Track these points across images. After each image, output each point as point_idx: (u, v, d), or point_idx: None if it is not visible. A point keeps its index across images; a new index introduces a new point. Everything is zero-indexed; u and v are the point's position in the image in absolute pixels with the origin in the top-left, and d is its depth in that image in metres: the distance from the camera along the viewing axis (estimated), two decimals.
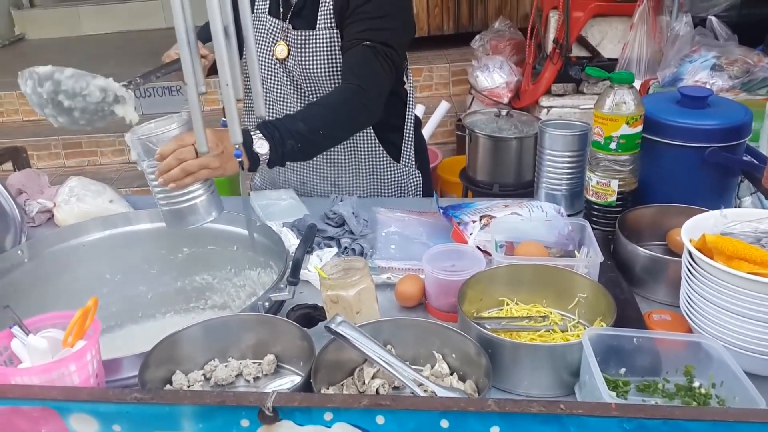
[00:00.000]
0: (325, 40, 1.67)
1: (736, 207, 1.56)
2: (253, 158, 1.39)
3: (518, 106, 3.64)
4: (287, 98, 1.78)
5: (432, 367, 1.11)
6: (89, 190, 1.69)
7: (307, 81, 1.72)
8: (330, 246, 1.51)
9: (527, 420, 0.79)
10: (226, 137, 1.31)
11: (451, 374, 1.10)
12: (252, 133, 1.40)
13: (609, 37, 3.42)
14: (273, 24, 1.73)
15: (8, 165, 1.98)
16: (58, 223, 1.67)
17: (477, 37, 4.11)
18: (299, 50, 1.70)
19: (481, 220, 1.50)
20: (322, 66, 1.69)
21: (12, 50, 6.37)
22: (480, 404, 0.80)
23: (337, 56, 1.68)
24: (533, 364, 1.09)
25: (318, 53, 1.68)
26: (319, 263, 1.39)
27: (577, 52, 3.45)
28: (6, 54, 6.21)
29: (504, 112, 2.95)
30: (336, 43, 1.67)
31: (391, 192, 1.91)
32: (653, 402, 1.04)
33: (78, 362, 0.98)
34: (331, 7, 1.65)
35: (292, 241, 1.47)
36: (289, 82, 1.75)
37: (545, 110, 3.47)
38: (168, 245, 1.54)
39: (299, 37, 1.69)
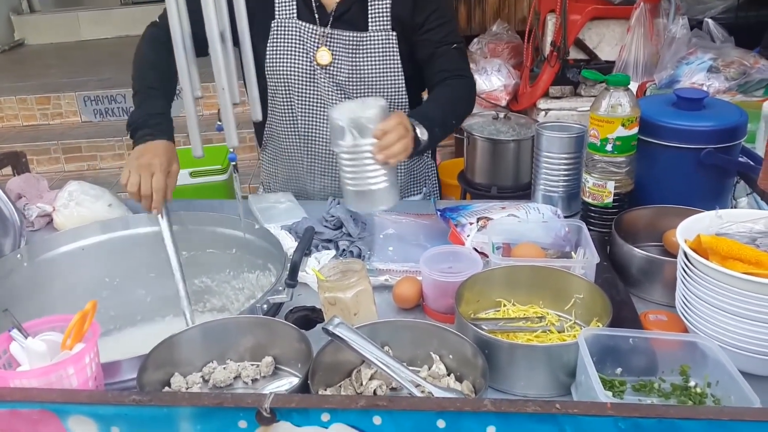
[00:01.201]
0: (380, 42, 1.70)
1: (732, 208, 1.56)
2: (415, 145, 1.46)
3: (516, 108, 3.66)
4: (330, 103, 1.75)
5: (429, 368, 1.12)
6: (88, 194, 1.70)
7: (356, 84, 1.73)
8: (328, 248, 1.52)
9: (523, 420, 0.79)
10: (406, 118, 1.44)
11: (448, 375, 1.11)
12: (410, 120, 1.48)
13: (606, 40, 3.44)
14: (309, 29, 1.71)
15: (8, 170, 1.98)
16: (58, 227, 1.68)
17: (475, 40, 4.13)
18: (348, 54, 1.71)
19: (478, 221, 1.51)
20: (376, 67, 1.71)
21: (11, 55, 6.39)
22: (476, 404, 0.80)
23: (392, 57, 1.71)
24: (530, 365, 1.09)
25: (372, 55, 1.71)
26: (317, 265, 1.40)
27: (574, 54, 3.46)
28: (5, 59, 6.23)
29: (502, 115, 2.96)
30: (392, 45, 1.70)
31: (419, 185, 1.99)
32: (649, 401, 1.04)
33: (76, 365, 0.98)
34: (388, 10, 1.68)
35: (290, 244, 1.48)
36: (333, 87, 1.73)
37: (543, 113, 3.48)
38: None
39: (349, 40, 1.70)
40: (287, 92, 1.76)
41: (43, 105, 4.99)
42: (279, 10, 1.72)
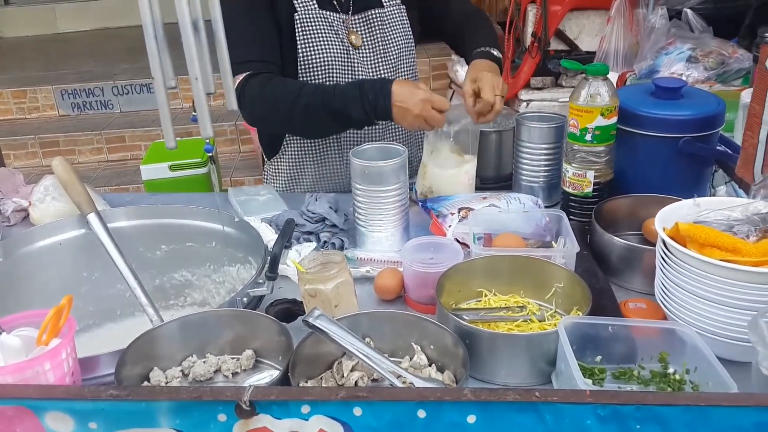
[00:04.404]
0: (396, 15, 1.79)
1: (711, 196, 1.57)
2: None
3: None
4: None
5: (411, 359, 1.12)
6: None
7: (386, 61, 1.79)
8: (309, 240, 1.51)
9: (503, 408, 0.79)
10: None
11: (430, 365, 1.11)
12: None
13: (587, 31, 3.45)
14: (334, 18, 1.73)
15: None
16: (34, 221, 1.65)
17: None
18: (375, 33, 1.77)
19: (459, 212, 1.51)
20: (399, 41, 1.80)
21: None
22: (456, 394, 0.80)
23: (407, 29, 1.82)
24: (510, 354, 1.10)
25: (393, 29, 1.79)
26: (297, 258, 1.39)
27: (555, 45, 3.47)
28: None
29: None
30: (405, 17, 1.81)
31: None
32: (629, 389, 1.05)
33: (53, 360, 0.97)
34: None
35: (270, 237, 1.47)
36: (367, 69, 1.77)
37: (525, 103, 3.49)
38: (146, 243, 1.53)
39: (370, 19, 1.76)
40: (329, 81, 1.74)
41: (20, 99, 4.92)
42: (299, 4, 1.71)
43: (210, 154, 1.29)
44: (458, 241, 1.42)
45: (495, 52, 1.76)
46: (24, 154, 4.64)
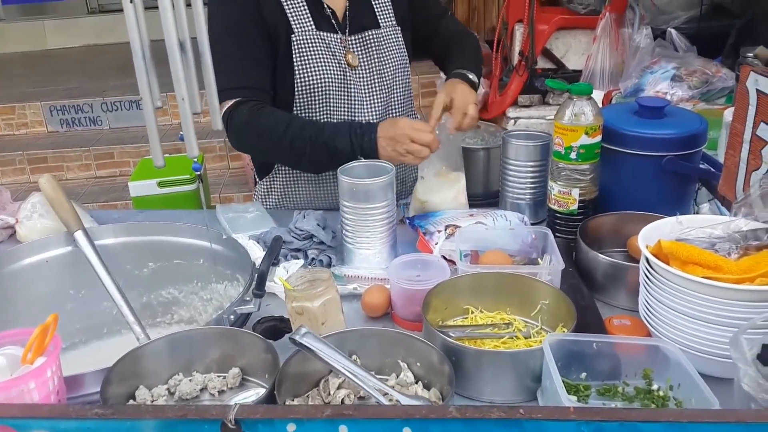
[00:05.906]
0: (392, 36, 1.83)
1: (695, 213, 1.59)
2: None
3: (486, 117, 3.68)
4: (363, 105, 1.80)
5: (397, 376, 1.12)
6: None
7: (380, 82, 1.81)
8: (297, 258, 1.51)
9: (488, 426, 0.80)
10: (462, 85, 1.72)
11: (417, 383, 1.11)
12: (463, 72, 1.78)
13: (573, 49, 3.49)
14: (332, 38, 1.75)
15: None
16: (21, 239, 1.64)
17: None
18: (372, 53, 1.79)
19: (446, 229, 1.52)
20: (395, 61, 1.83)
21: None
22: (441, 411, 0.81)
23: (403, 50, 1.86)
24: (496, 371, 1.10)
25: (390, 49, 1.82)
26: (285, 275, 1.39)
27: (542, 64, 3.51)
28: None
29: None
30: (401, 38, 1.85)
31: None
32: (613, 405, 1.06)
33: (38, 379, 0.96)
34: (390, 6, 1.83)
35: (257, 254, 1.47)
36: (364, 88, 1.79)
37: (512, 121, 3.52)
38: (133, 260, 1.53)
39: (367, 39, 1.79)
40: (325, 101, 1.75)
41: (8, 115, 4.91)
42: (296, 25, 1.71)
43: (198, 173, 1.29)
44: (445, 258, 1.42)
45: (471, 76, 1.78)
46: (12, 171, 4.62)
